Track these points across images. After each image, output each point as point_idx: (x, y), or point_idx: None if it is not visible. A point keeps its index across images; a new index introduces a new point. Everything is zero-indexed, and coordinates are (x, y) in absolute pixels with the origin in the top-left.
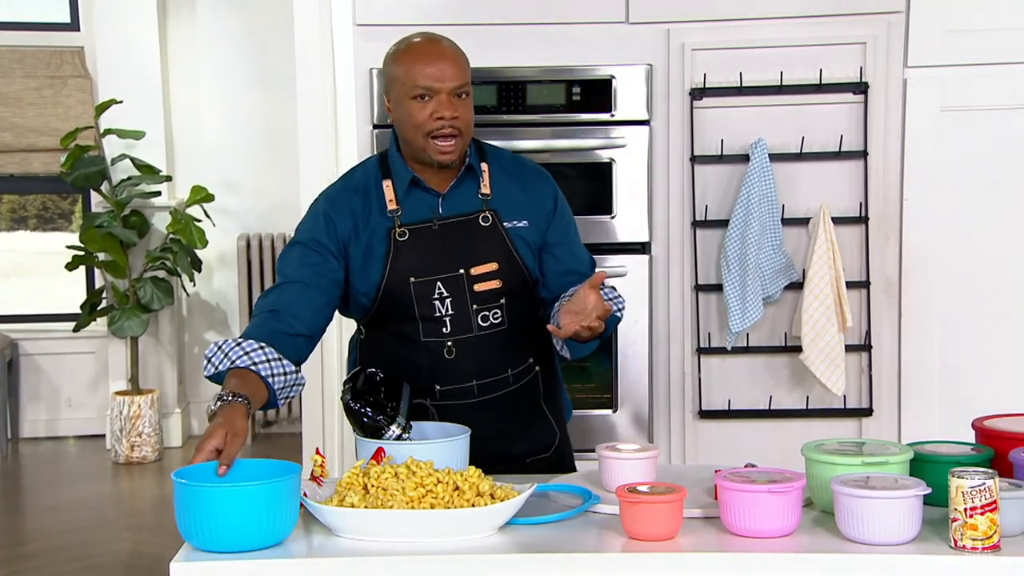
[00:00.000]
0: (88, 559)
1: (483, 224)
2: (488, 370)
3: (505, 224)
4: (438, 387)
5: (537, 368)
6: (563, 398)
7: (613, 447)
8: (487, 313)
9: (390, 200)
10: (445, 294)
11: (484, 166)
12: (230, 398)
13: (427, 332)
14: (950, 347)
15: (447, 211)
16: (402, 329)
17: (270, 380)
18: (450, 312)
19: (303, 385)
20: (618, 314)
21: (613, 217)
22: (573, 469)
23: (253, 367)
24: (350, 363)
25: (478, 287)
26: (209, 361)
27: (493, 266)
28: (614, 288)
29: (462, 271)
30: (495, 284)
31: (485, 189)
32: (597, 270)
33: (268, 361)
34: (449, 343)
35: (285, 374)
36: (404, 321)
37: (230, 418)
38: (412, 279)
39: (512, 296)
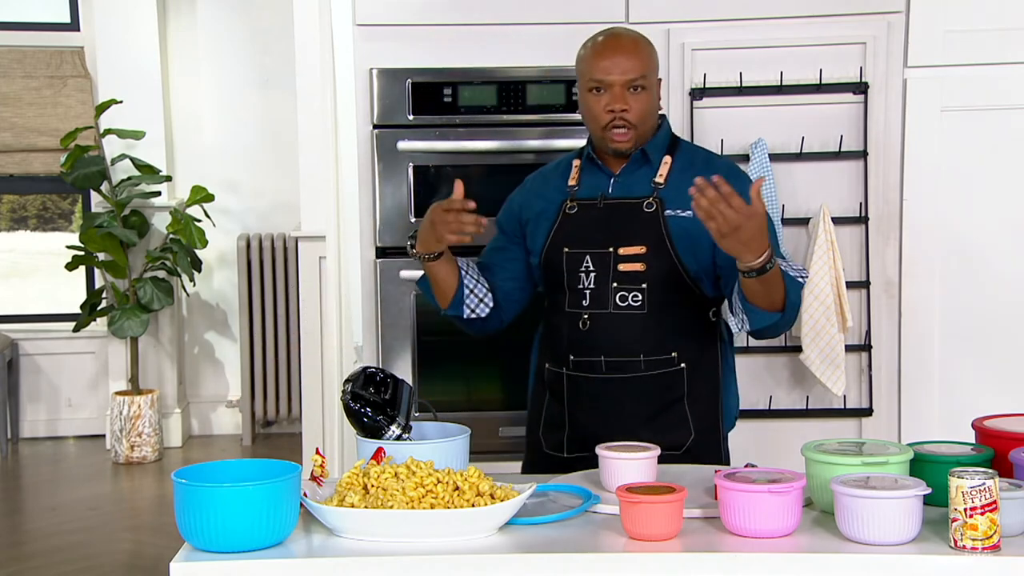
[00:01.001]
0: (88, 559)
1: (646, 210)
2: (618, 349)
3: (667, 212)
4: (572, 357)
5: (682, 365)
6: (721, 405)
7: (613, 447)
8: (626, 293)
9: (573, 176)
10: (591, 268)
11: (667, 158)
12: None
13: (571, 302)
14: (950, 347)
15: (616, 192)
16: (556, 297)
17: (463, 273)
18: (591, 286)
19: (490, 308)
20: (799, 279)
21: None
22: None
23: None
24: (539, 326)
25: (622, 267)
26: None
27: (641, 249)
28: (802, 266)
29: (611, 249)
30: (639, 267)
31: (659, 178)
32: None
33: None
34: (585, 316)
35: (478, 280)
36: (557, 289)
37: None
38: (566, 249)
39: (656, 282)
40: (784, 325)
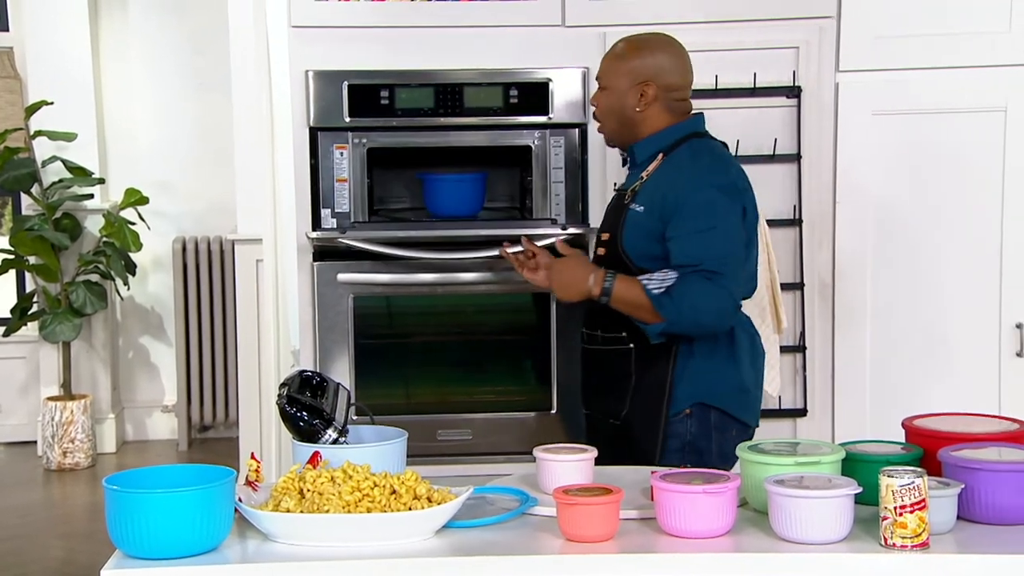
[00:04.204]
0: (19, 567)
1: (624, 201)
2: (589, 324)
3: (631, 206)
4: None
5: (631, 346)
6: (670, 390)
7: (550, 449)
8: None
9: None
10: (596, 251)
11: (660, 155)
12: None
13: None
14: (882, 348)
15: (624, 185)
16: None
17: None
18: None
19: None
20: (655, 291)
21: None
22: (639, 449)
23: None
24: None
25: (599, 251)
26: None
27: (605, 236)
28: (667, 272)
29: (601, 235)
30: (602, 251)
31: (644, 174)
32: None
33: None
34: None
35: None
36: None
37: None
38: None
39: (609, 266)
40: (686, 329)
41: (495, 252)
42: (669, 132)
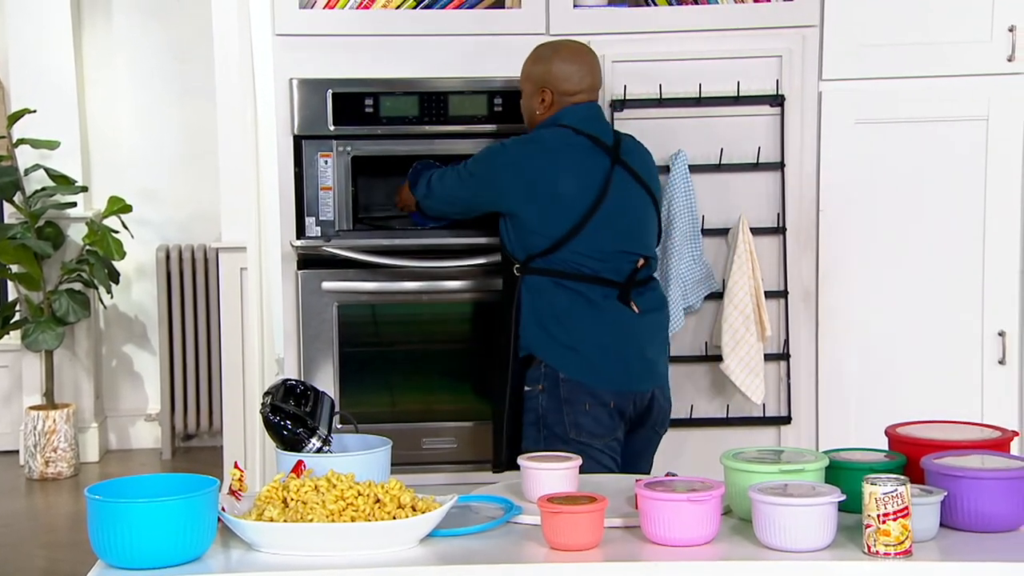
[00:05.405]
0: None
1: None
2: None
3: None
4: None
5: (499, 299)
6: (514, 331)
7: (535, 457)
8: None
9: None
10: None
11: None
12: None
13: None
14: (865, 356)
15: None
16: None
17: None
18: None
19: None
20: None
21: None
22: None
23: None
24: None
25: None
26: None
27: None
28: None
29: None
30: None
31: None
32: None
33: None
34: None
35: None
36: None
37: None
38: None
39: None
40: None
41: (481, 260)
42: (544, 123)
